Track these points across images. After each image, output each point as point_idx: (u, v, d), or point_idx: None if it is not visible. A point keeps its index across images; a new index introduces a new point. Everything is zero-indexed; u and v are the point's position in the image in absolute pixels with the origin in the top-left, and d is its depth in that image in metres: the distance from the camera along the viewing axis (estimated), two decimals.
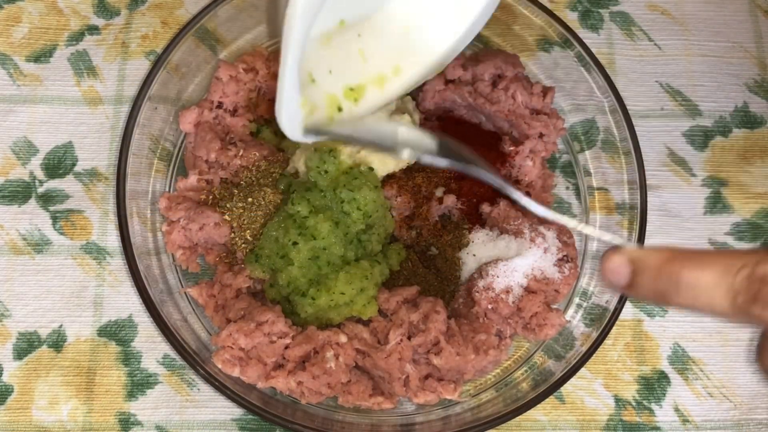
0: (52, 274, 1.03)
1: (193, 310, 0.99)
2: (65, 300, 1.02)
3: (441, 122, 1.06)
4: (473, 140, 1.04)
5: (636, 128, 1.00)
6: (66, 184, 1.07)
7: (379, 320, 0.95)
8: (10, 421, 0.97)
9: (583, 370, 0.95)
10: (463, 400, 0.96)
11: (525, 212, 1.00)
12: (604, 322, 0.94)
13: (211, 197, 1.00)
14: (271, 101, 1.07)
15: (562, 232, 0.99)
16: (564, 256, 0.97)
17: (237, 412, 0.99)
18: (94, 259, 1.04)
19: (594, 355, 0.93)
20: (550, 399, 0.98)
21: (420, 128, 0.92)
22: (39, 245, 1.04)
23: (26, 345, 1.00)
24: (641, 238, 0.97)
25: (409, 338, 0.93)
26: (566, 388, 1.00)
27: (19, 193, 1.06)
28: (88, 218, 1.05)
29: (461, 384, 0.95)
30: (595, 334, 0.94)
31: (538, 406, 0.92)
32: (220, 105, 1.05)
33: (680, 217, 1.08)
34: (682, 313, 1.04)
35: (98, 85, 1.11)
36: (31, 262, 1.04)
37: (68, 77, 1.11)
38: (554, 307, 0.98)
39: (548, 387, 0.91)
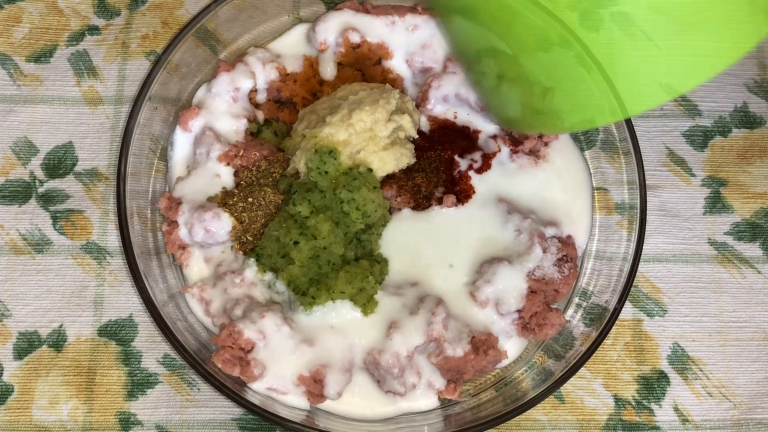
0: (52, 274, 1.03)
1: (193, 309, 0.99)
2: (65, 300, 1.02)
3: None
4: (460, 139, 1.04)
5: (636, 128, 1.00)
6: (66, 184, 1.07)
7: None
8: (10, 421, 0.97)
9: (582, 370, 0.95)
10: (463, 400, 0.96)
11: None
12: (604, 322, 0.94)
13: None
14: (271, 101, 1.07)
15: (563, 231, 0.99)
16: (564, 255, 0.97)
17: (237, 411, 0.99)
18: (95, 258, 1.04)
19: (594, 354, 0.93)
20: (550, 399, 0.98)
21: None
22: (39, 245, 1.04)
23: (26, 345, 1.00)
24: (641, 238, 0.97)
25: None
26: (566, 387, 1.00)
27: (19, 193, 1.06)
28: (89, 218, 1.05)
29: (461, 384, 0.95)
30: (594, 334, 0.94)
31: (538, 405, 0.92)
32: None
33: (680, 216, 1.08)
34: (681, 313, 1.04)
35: (98, 85, 1.11)
36: (32, 262, 1.04)
37: (68, 77, 1.11)
38: (554, 306, 0.98)
39: (548, 387, 0.92)
